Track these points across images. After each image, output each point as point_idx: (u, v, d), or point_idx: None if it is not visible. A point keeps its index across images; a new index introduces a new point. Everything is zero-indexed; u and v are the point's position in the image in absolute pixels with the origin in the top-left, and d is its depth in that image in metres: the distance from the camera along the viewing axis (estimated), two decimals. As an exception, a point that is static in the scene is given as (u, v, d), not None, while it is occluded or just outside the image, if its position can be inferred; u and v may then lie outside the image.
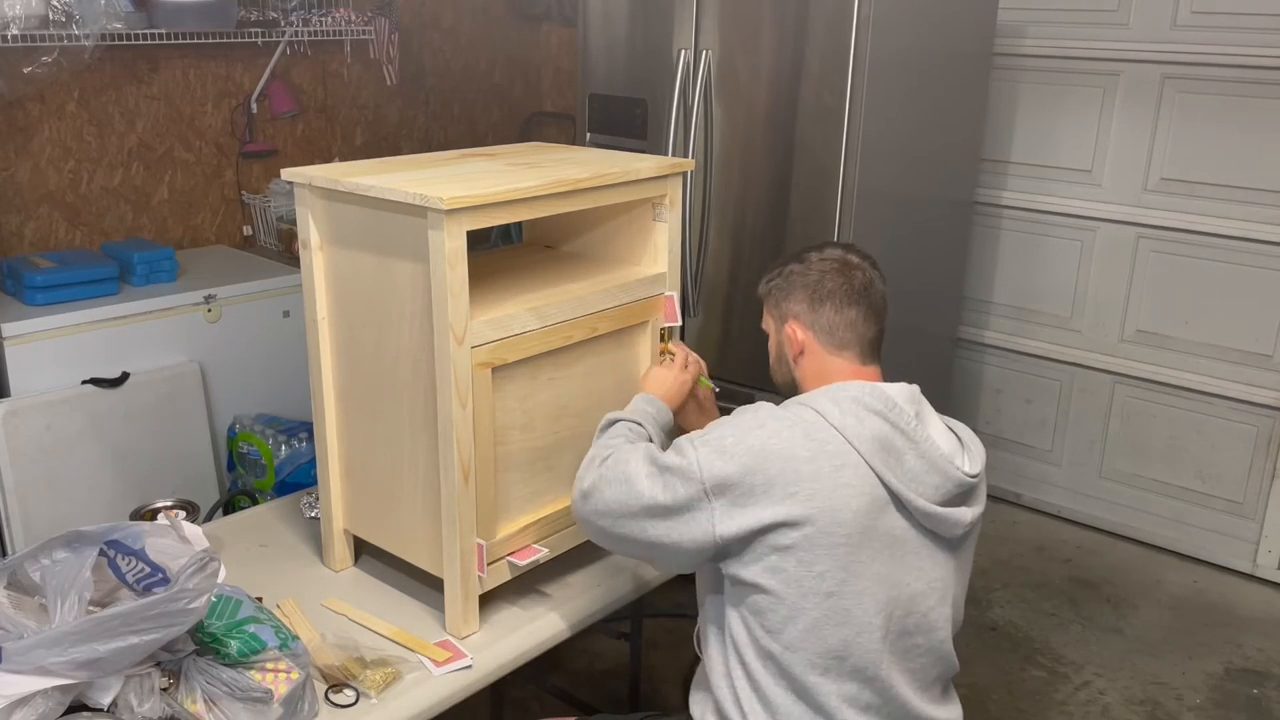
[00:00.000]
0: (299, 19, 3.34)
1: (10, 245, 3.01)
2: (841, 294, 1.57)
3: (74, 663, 1.28)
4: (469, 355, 1.57)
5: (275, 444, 2.80)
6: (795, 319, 1.60)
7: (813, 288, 1.59)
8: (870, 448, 1.43)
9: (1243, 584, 3.23)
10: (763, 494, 1.40)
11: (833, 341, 1.57)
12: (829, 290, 1.58)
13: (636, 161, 1.85)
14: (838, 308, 1.57)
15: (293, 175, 1.71)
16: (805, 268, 1.61)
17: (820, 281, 1.59)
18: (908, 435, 1.45)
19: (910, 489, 1.44)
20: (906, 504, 1.44)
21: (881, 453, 1.43)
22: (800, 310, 1.60)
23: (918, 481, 1.44)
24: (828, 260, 1.61)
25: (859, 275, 1.59)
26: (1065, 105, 3.36)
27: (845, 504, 1.40)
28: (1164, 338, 3.32)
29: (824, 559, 1.40)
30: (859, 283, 1.58)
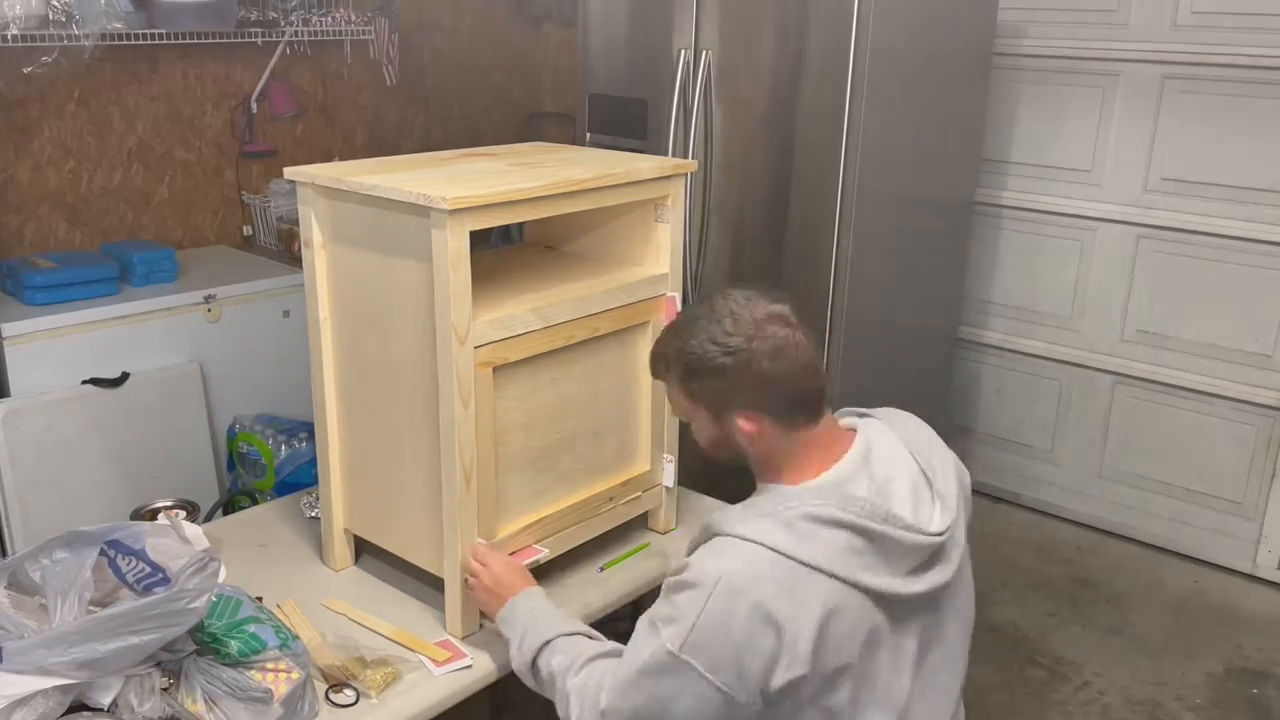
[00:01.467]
0: (299, 19, 3.34)
1: (10, 245, 3.01)
2: (790, 374, 1.40)
3: (74, 663, 1.28)
4: (471, 355, 1.57)
5: (275, 444, 2.80)
6: (742, 412, 1.42)
7: (761, 380, 1.40)
8: (842, 567, 1.32)
9: (1243, 584, 3.23)
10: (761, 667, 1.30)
11: (788, 419, 1.41)
12: (776, 373, 1.39)
13: (638, 162, 1.86)
14: (790, 381, 1.40)
15: (296, 174, 1.71)
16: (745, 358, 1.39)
17: (766, 372, 1.39)
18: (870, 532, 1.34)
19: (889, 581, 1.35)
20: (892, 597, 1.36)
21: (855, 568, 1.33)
22: (748, 403, 1.41)
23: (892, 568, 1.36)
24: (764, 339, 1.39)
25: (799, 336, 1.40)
26: (1065, 105, 3.36)
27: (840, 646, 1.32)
28: (1164, 338, 3.32)
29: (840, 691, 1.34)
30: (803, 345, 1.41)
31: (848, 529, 1.34)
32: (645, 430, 1.94)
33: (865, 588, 1.34)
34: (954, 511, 1.43)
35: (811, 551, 1.32)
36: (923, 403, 3.13)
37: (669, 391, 1.52)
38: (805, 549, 1.32)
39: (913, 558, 1.38)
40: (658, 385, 1.91)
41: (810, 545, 1.33)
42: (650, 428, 1.94)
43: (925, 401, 3.19)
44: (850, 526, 1.34)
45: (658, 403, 1.93)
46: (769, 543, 1.33)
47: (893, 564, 1.36)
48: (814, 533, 1.33)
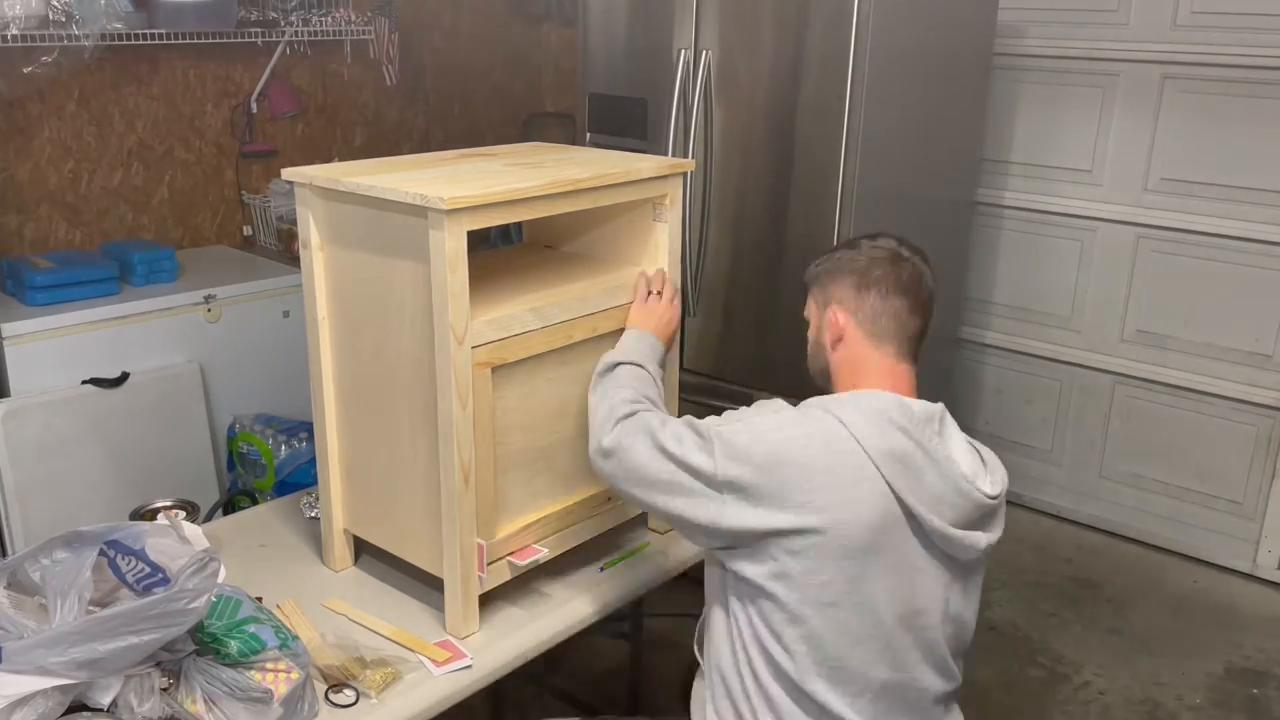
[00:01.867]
0: (299, 19, 3.34)
1: (10, 245, 3.01)
2: (889, 282, 1.54)
3: (74, 663, 1.28)
4: (469, 355, 1.57)
5: (275, 444, 2.80)
6: (839, 304, 1.56)
7: (860, 273, 1.55)
8: (889, 463, 1.40)
9: (1243, 584, 3.23)
10: (774, 498, 1.39)
11: (874, 330, 1.54)
12: (876, 277, 1.54)
13: (637, 161, 1.85)
14: (883, 295, 1.53)
15: (293, 175, 1.71)
16: (855, 253, 1.58)
17: (869, 268, 1.55)
18: (929, 453, 1.43)
19: (927, 508, 1.41)
20: (922, 522, 1.42)
21: (901, 469, 1.40)
22: (845, 295, 1.56)
23: (936, 501, 1.42)
24: (879, 249, 1.57)
25: (908, 267, 1.56)
26: (1065, 105, 3.36)
27: (856, 517, 1.39)
28: (1164, 338, 3.32)
29: (829, 569, 1.39)
30: (907, 274, 1.55)
31: (914, 442, 1.42)
32: (645, 430, 1.94)
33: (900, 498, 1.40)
34: (1000, 488, 1.52)
35: (872, 441, 1.40)
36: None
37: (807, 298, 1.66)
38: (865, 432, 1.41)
39: (963, 507, 1.44)
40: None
41: (869, 431, 1.41)
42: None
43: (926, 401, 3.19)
44: (917, 442, 1.42)
45: (657, 403, 1.93)
46: (837, 413, 1.43)
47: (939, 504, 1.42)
48: (883, 428, 1.41)
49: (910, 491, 1.40)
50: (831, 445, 1.41)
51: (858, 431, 1.41)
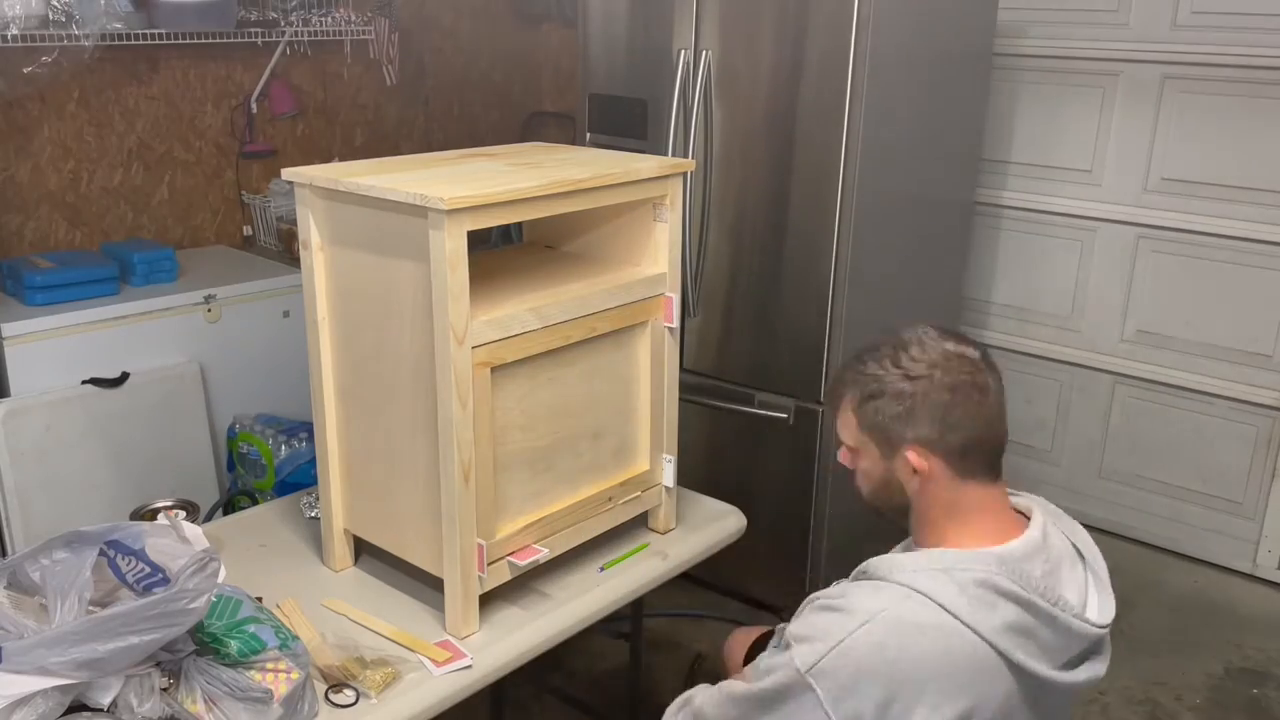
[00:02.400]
0: (299, 19, 3.34)
1: (10, 245, 3.01)
2: (977, 418, 1.33)
3: (74, 663, 1.28)
4: (469, 355, 1.57)
5: (275, 444, 2.80)
6: (917, 445, 1.33)
7: (943, 412, 1.32)
8: (1007, 641, 1.24)
9: (1243, 584, 3.23)
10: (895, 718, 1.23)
11: (965, 467, 1.34)
12: (963, 414, 1.32)
13: (637, 162, 1.85)
14: (971, 431, 1.33)
15: (293, 175, 1.71)
16: (925, 386, 1.33)
17: (951, 405, 1.32)
18: (1042, 611, 1.26)
19: (1045, 666, 1.27)
20: (1041, 679, 1.28)
21: (1020, 645, 1.25)
22: (925, 434, 1.33)
23: (1048, 652, 1.28)
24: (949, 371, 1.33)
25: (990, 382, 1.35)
26: (1065, 105, 3.36)
27: (984, 706, 1.25)
28: (1164, 338, 3.32)
29: None
30: (992, 388, 1.35)
31: (1022, 605, 1.26)
32: (644, 430, 1.94)
33: (1022, 669, 1.26)
34: (1111, 611, 1.35)
35: (979, 619, 1.24)
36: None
37: (840, 421, 1.43)
38: (975, 616, 1.24)
39: (1073, 648, 1.31)
40: (656, 383, 1.92)
41: (980, 613, 1.24)
42: (650, 427, 1.94)
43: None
44: (1024, 604, 1.25)
45: (657, 403, 1.93)
46: (938, 598, 1.25)
47: (1052, 652, 1.28)
48: (987, 600, 1.25)
49: (1027, 659, 1.26)
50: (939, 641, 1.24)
51: (964, 614, 1.24)
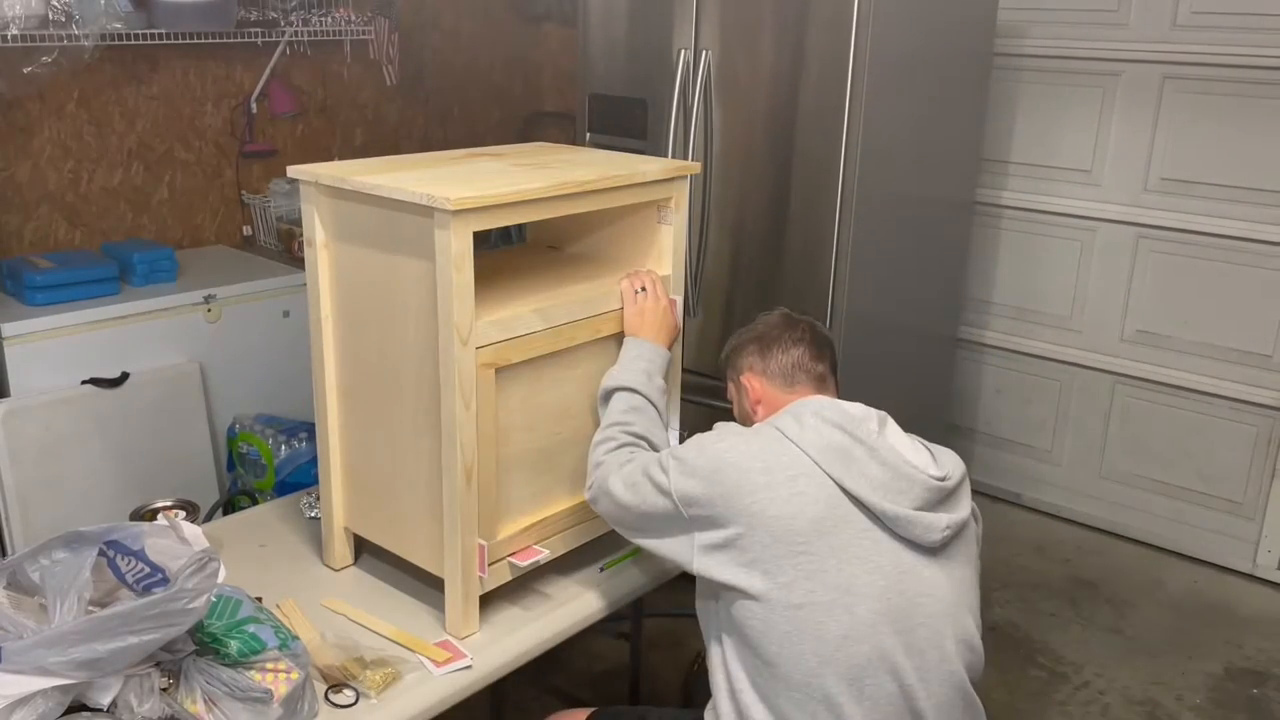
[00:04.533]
0: (299, 19, 3.34)
1: (10, 245, 3.01)
2: (786, 339, 1.69)
3: (74, 663, 1.27)
4: (473, 355, 1.57)
5: (275, 444, 2.79)
6: (749, 370, 1.71)
7: (759, 338, 1.71)
8: (827, 456, 1.46)
9: (1243, 584, 3.24)
10: (723, 506, 1.46)
11: (785, 381, 1.67)
12: (774, 337, 1.70)
13: (643, 164, 1.85)
14: (784, 349, 1.68)
15: (299, 173, 1.71)
16: (751, 326, 1.75)
17: (765, 332, 1.71)
18: (866, 444, 1.48)
19: (875, 494, 1.45)
20: (873, 509, 1.45)
21: (839, 460, 1.46)
22: (752, 361, 1.71)
23: (883, 488, 1.45)
24: (772, 316, 1.75)
25: (802, 324, 1.72)
26: (1065, 105, 3.36)
27: (800, 510, 1.43)
28: (1164, 338, 3.32)
29: (786, 568, 1.42)
30: (802, 329, 1.71)
31: (848, 435, 1.48)
32: (645, 430, 1.94)
33: (840, 483, 1.45)
34: (950, 470, 1.53)
35: (804, 437, 1.49)
36: (923, 403, 3.16)
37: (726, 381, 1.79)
38: (801, 434, 1.49)
39: (915, 492, 1.46)
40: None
41: (806, 433, 1.49)
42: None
43: (925, 401, 3.19)
44: (851, 435, 1.48)
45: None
46: (774, 422, 1.54)
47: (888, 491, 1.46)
48: (814, 425, 1.50)
49: (853, 480, 1.45)
50: (769, 448, 1.49)
51: (793, 433, 1.50)
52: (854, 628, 1.41)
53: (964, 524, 1.52)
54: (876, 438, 1.49)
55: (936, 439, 1.62)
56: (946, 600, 1.48)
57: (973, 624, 1.53)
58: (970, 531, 1.56)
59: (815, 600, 1.41)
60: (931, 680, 1.45)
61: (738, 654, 1.48)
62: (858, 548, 1.43)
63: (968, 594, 1.53)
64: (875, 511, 1.44)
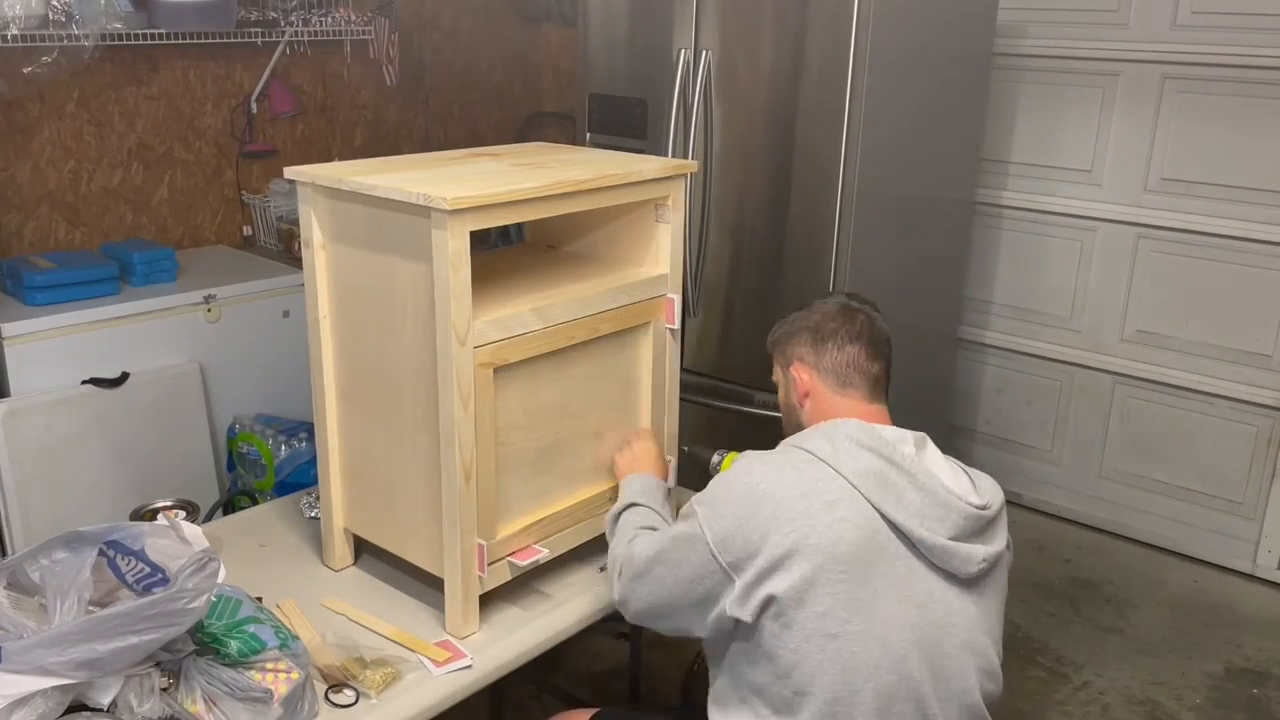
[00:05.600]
0: (299, 19, 3.34)
1: (10, 245, 3.01)
2: (843, 334, 1.61)
3: (73, 663, 1.27)
4: (471, 355, 1.57)
5: (275, 444, 2.80)
6: (800, 361, 1.64)
7: (815, 329, 1.63)
8: (865, 481, 1.41)
9: (1243, 584, 3.24)
10: (761, 539, 1.39)
11: (837, 381, 1.60)
12: (830, 330, 1.62)
13: (640, 163, 1.85)
14: (840, 346, 1.60)
15: (296, 174, 1.71)
16: (808, 313, 1.66)
17: (821, 323, 1.63)
18: (904, 469, 1.43)
19: (913, 522, 1.40)
20: (910, 537, 1.40)
21: (878, 486, 1.41)
22: (804, 352, 1.63)
23: (921, 515, 1.41)
24: (829, 305, 1.66)
25: (860, 317, 1.63)
26: (1065, 105, 3.36)
27: (840, 538, 1.37)
28: (1164, 338, 3.32)
29: (824, 598, 1.37)
30: (860, 323, 1.62)
31: (883, 459, 1.43)
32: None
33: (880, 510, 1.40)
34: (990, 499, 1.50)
35: (840, 461, 1.42)
36: (923, 403, 3.16)
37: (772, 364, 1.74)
38: (836, 458, 1.43)
39: (952, 519, 1.43)
40: (657, 384, 1.92)
41: (841, 457, 1.43)
42: (650, 429, 1.94)
43: (925, 401, 3.19)
44: (886, 459, 1.43)
45: (658, 403, 1.93)
46: (804, 445, 1.47)
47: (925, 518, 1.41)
48: (849, 450, 1.43)
49: (892, 506, 1.40)
50: (803, 473, 1.43)
51: (827, 456, 1.43)
52: (885, 657, 1.38)
53: (999, 556, 1.49)
54: (913, 462, 1.44)
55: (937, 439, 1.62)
56: (975, 630, 1.47)
57: (995, 655, 1.52)
58: (1003, 562, 1.53)
59: (850, 630, 1.37)
60: (951, 708, 1.44)
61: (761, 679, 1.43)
62: (894, 576, 1.40)
63: (995, 626, 1.52)
64: (913, 539, 1.40)
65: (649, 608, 1.55)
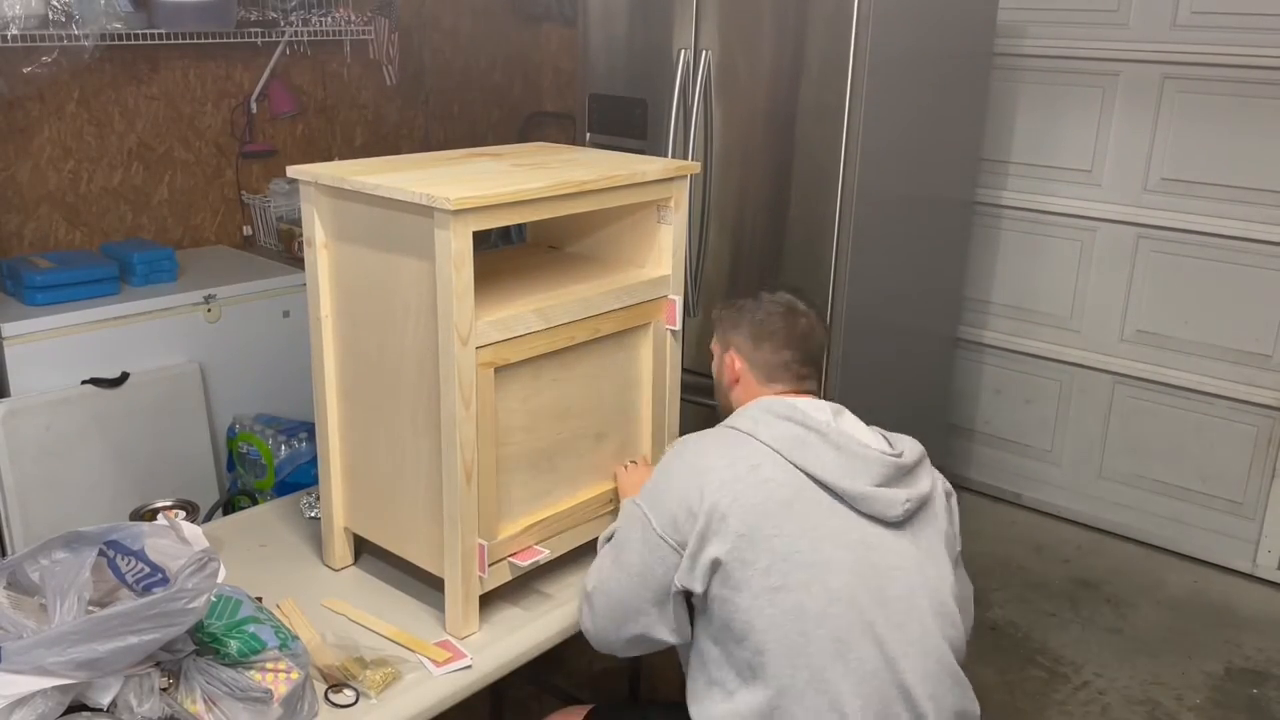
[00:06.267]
0: (299, 19, 3.34)
1: (10, 245, 3.01)
2: (781, 337, 1.68)
3: (73, 663, 1.27)
4: (473, 355, 1.57)
5: (275, 444, 2.79)
6: (735, 350, 1.72)
7: (757, 325, 1.70)
8: (784, 444, 1.51)
9: (1243, 584, 3.24)
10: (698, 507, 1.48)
11: (765, 376, 1.69)
12: (770, 331, 1.69)
13: (642, 164, 1.85)
14: (775, 349, 1.68)
15: (299, 173, 1.71)
16: (755, 305, 1.73)
17: (765, 321, 1.70)
18: (818, 431, 1.52)
19: (833, 475, 1.49)
20: (835, 489, 1.48)
21: (797, 447, 1.51)
22: (741, 343, 1.72)
23: (840, 468, 1.50)
24: (777, 304, 1.72)
25: (802, 322, 1.70)
26: (1065, 105, 3.36)
27: (770, 495, 1.47)
28: (1164, 338, 3.32)
29: (764, 555, 1.45)
30: (800, 328, 1.69)
31: (799, 425, 1.53)
32: (646, 432, 1.94)
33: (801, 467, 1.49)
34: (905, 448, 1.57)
35: (759, 430, 1.53)
36: (922, 403, 3.16)
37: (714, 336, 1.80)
38: (756, 428, 1.54)
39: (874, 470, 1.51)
40: (658, 385, 1.92)
41: (761, 427, 1.54)
42: (651, 429, 1.94)
43: (924, 401, 3.19)
44: (801, 424, 1.53)
45: (658, 404, 1.93)
46: (728, 422, 1.60)
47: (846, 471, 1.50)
48: (768, 420, 1.55)
49: (814, 464, 1.49)
50: (725, 443, 1.54)
51: (746, 427, 1.55)
52: (833, 603, 1.44)
53: (925, 498, 1.56)
54: (827, 425, 1.53)
55: (936, 439, 1.63)
56: (920, 572, 1.52)
57: (950, 598, 1.55)
58: (938, 506, 1.59)
59: (793, 580, 1.44)
60: (914, 653, 1.47)
61: (723, 652, 1.49)
62: (826, 527, 1.48)
63: (941, 566, 1.56)
64: (837, 491, 1.49)
65: (609, 616, 1.60)
